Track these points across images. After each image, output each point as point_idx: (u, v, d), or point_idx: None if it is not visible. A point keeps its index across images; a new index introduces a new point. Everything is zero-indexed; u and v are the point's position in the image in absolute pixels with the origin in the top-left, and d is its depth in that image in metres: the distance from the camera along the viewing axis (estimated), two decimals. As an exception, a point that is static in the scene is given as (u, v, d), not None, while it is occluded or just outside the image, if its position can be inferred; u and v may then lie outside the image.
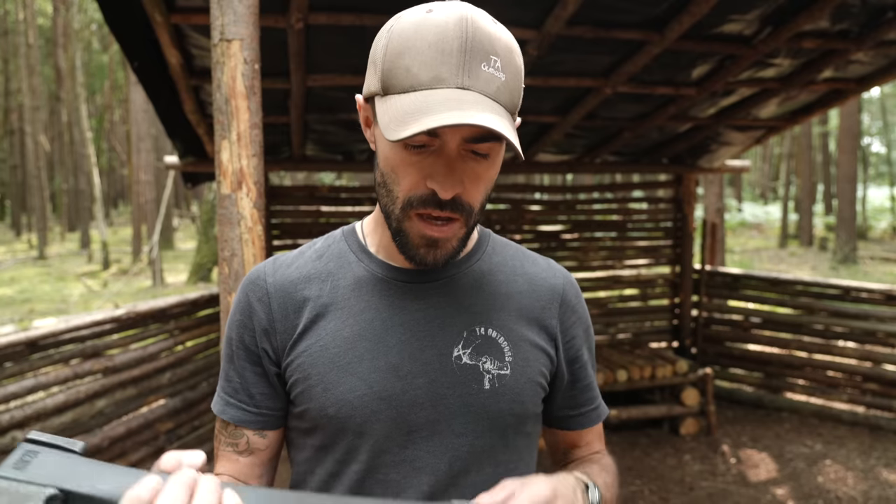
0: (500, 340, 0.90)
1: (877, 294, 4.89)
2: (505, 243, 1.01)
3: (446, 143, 0.79)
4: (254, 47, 1.55)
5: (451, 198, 0.81)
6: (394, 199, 0.84)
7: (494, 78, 0.77)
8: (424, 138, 0.79)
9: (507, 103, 0.79)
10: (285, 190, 5.17)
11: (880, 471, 4.20)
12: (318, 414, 0.87)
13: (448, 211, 0.82)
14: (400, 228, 0.85)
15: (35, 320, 8.83)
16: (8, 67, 24.88)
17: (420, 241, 0.85)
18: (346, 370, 0.86)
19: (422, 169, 0.81)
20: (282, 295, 0.91)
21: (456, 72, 0.76)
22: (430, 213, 0.83)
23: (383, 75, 0.80)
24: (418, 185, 0.82)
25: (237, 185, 1.54)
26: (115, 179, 34.59)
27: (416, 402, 0.87)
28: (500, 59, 0.78)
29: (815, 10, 2.90)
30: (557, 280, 0.98)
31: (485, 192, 0.86)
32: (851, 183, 14.33)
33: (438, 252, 0.85)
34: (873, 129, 33.19)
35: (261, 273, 0.94)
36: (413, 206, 0.83)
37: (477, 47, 0.77)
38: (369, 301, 0.90)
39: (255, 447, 0.93)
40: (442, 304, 0.90)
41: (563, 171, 5.36)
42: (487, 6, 2.97)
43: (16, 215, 25.89)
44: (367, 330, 0.88)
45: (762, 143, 4.98)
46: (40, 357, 3.40)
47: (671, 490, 3.98)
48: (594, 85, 3.60)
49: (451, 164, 0.80)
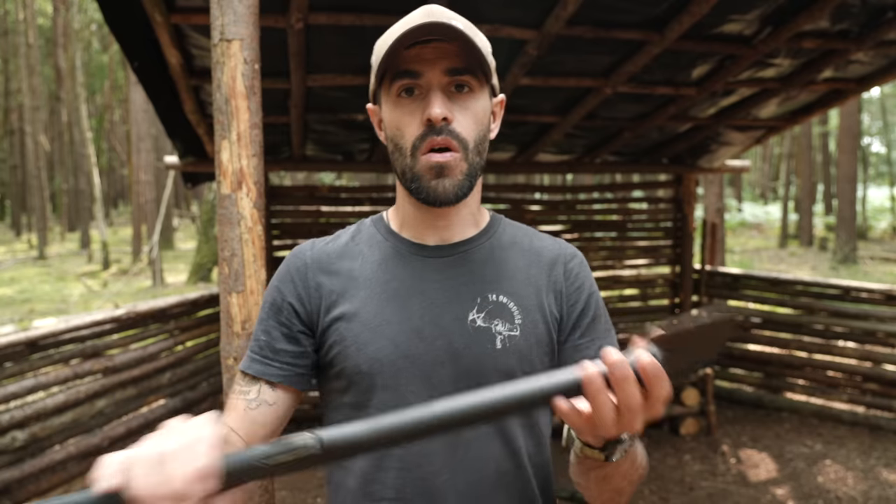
0: (510, 306, 1.01)
1: (877, 294, 4.88)
2: (516, 225, 1.13)
3: (430, 80, 0.95)
4: (254, 47, 1.55)
5: (444, 123, 0.95)
6: (403, 151, 0.98)
7: (456, 23, 0.94)
8: (410, 81, 0.95)
9: (475, 47, 0.95)
10: (285, 190, 5.17)
11: (880, 471, 4.20)
12: (353, 371, 0.99)
13: (444, 137, 0.95)
14: (414, 175, 0.98)
15: (35, 320, 8.83)
16: (8, 67, 24.89)
17: (429, 173, 0.96)
18: (377, 332, 0.98)
19: (416, 112, 0.96)
20: (318, 266, 1.04)
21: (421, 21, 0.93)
22: (432, 146, 0.96)
23: (375, 61, 1.00)
24: (418, 128, 0.96)
25: (237, 185, 1.54)
26: (115, 179, 34.58)
27: (437, 360, 0.98)
28: (460, 22, 0.96)
29: (815, 10, 2.90)
30: (563, 251, 1.09)
31: (477, 129, 0.99)
32: (851, 183, 14.33)
33: (447, 182, 0.97)
34: (873, 129, 33.19)
35: (302, 249, 1.08)
36: (418, 147, 0.96)
37: (438, 12, 0.96)
38: (394, 273, 1.02)
39: (264, 399, 1.00)
40: (458, 274, 1.02)
41: (563, 171, 5.36)
42: (488, 6, 2.95)
43: (16, 215, 25.88)
44: (393, 298, 1.00)
45: (762, 143, 4.98)
46: (40, 357, 3.40)
47: (671, 490, 3.98)
48: (594, 85, 3.60)
49: (437, 94, 0.95)
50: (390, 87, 0.98)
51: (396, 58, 0.95)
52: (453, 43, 0.95)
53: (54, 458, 3.36)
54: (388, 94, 0.99)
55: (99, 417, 3.65)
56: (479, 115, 0.99)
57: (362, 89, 3.43)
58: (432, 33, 0.93)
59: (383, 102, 1.01)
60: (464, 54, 0.96)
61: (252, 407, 1.00)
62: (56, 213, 29.44)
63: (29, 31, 19.83)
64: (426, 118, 0.95)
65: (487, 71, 0.98)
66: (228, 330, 1.56)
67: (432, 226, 1.04)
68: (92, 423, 3.61)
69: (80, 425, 3.55)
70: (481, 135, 1.00)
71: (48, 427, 3.36)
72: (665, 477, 4.15)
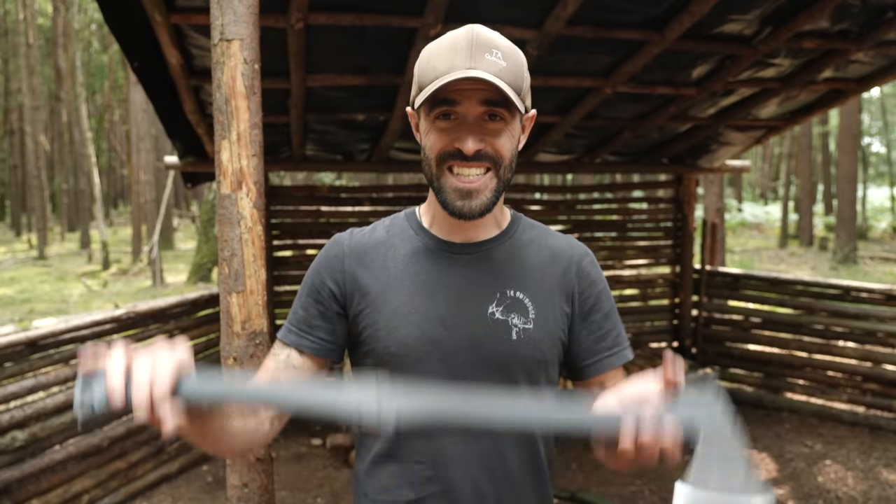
0: (525, 301, 1.11)
1: (877, 294, 4.88)
2: (533, 224, 1.23)
3: (466, 110, 1.03)
4: (254, 47, 1.54)
5: (475, 152, 1.03)
6: (430, 161, 1.07)
7: (496, 63, 1.01)
8: (445, 108, 1.03)
9: (511, 82, 1.02)
10: (285, 190, 5.17)
11: (880, 471, 4.20)
12: (383, 352, 1.10)
13: (475, 162, 1.04)
14: (440, 186, 1.07)
15: (35, 320, 8.83)
16: (8, 67, 24.88)
17: (455, 194, 1.05)
18: (405, 319, 1.09)
19: (449, 133, 1.04)
20: (355, 253, 1.15)
21: (465, 59, 1.00)
22: (457, 165, 1.04)
23: (418, 79, 1.07)
24: (447, 144, 1.04)
25: (237, 185, 1.54)
26: (115, 179, 34.57)
27: (458, 347, 1.08)
28: (501, 51, 1.03)
29: (815, 10, 2.90)
30: (575, 252, 1.20)
31: (510, 148, 1.07)
32: (851, 183, 14.33)
33: (474, 203, 1.05)
34: (873, 129, 33.17)
35: (341, 237, 1.18)
36: (444, 160, 1.05)
37: (481, 42, 1.02)
38: (423, 266, 1.13)
39: (292, 363, 1.12)
40: (480, 270, 1.13)
41: (563, 171, 5.36)
42: (488, 6, 2.95)
43: (16, 215, 25.87)
44: (421, 288, 1.11)
45: (762, 143, 4.97)
46: (40, 357, 3.40)
47: (671, 490, 3.96)
48: (594, 85, 3.60)
49: (471, 126, 1.03)
50: (430, 110, 1.05)
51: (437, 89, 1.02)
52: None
53: (54, 458, 3.36)
54: (427, 113, 1.07)
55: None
56: (510, 139, 1.07)
57: (362, 89, 3.43)
58: (473, 84, 1.00)
59: (422, 116, 1.09)
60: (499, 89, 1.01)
61: (280, 367, 1.12)
62: (56, 213, 29.43)
63: (29, 31, 19.83)
64: (457, 147, 1.03)
65: (520, 101, 1.05)
66: (228, 330, 1.56)
67: (459, 226, 1.13)
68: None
69: (80, 425, 3.55)
70: (512, 153, 1.09)
71: (48, 427, 3.36)
72: (665, 477, 4.15)
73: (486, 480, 1.10)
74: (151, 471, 3.98)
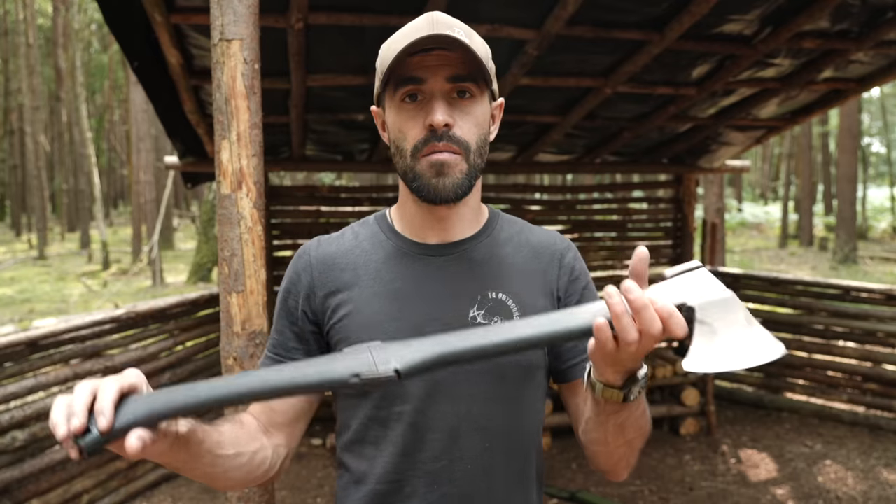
0: (508, 303, 1.05)
1: (877, 294, 4.88)
2: (512, 220, 1.17)
3: (432, 87, 0.99)
4: (254, 47, 1.55)
5: (445, 129, 0.98)
6: (404, 153, 1.02)
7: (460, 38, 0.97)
8: (413, 88, 0.99)
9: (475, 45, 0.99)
10: (285, 190, 5.17)
11: (880, 471, 4.20)
12: None
13: (445, 143, 0.99)
14: (414, 174, 1.01)
15: (35, 320, 8.83)
16: (8, 67, 24.88)
17: (430, 171, 1.00)
18: (379, 329, 1.01)
19: (419, 116, 1.00)
20: (323, 264, 1.08)
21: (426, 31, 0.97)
22: (433, 150, 0.99)
23: (381, 66, 1.03)
24: (420, 132, 1.00)
25: (237, 185, 1.54)
26: (115, 179, 34.57)
27: None
28: (462, 30, 1.00)
29: (815, 10, 2.90)
30: (557, 246, 1.14)
31: (478, 132, 1.02)
32: (851, 183, 14.33)
33: (447, 180, 1.00)
34: (873, 129, 33.15)
35: (307, 249, 1.12)
36: (419, 150, 1.00)
37: (441, 21, 0.99)
38: (397, 271, 1.06)
39: None
40: (458, 273, 1.06)
41: (563, 171, 5.35)
42: (488, 6, 2.95)
43: (16, 215, 25.87)
44: (395, 296, 1.04)
45: (762, 143, 4.97)
46: (40, 357, 3.40)
47: (671, 490, 3.98)
48: (594, 85, 3.60)
49: (439, 101, 0.99)
50: (394, 93, 1.01)
51: (401, 65, 0.99)
52: (456, 52, 0.98)
53: (54, 458, 3.36)
54: (392, 98, 1.02)
55: (99, 417, 3.66)
56: (479, 120, 1.02)
57: (362, 89, 3.42)
58: (436, 44, 0.97)
59: (387, 106, 1.05)
60: (465, 62, 0.99)
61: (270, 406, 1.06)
62: (56, 213, 29.43)
63: (29, 31, 19.82)
64: (428, 123, 0.98)
65: (487, 77, 1.02)
66: (228, 330, 1.56)
67: (434, 225, 1.07)
68: (92, 423, 3.62)
69: (80, 425, 3.55)
70: (482, 138, 1.04)
71: (48, 427, 3.35)
72: (665, 477, 4.15)
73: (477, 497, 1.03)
74: (151, 471, 3.98)
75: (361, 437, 1.06)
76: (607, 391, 0.89)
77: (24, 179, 23.88)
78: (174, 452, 0.84)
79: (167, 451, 0.82)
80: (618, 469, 1.07)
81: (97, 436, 0.72)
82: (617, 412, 0.93)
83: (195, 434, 0.86)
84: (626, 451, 1.02)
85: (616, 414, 0.93)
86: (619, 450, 1.01)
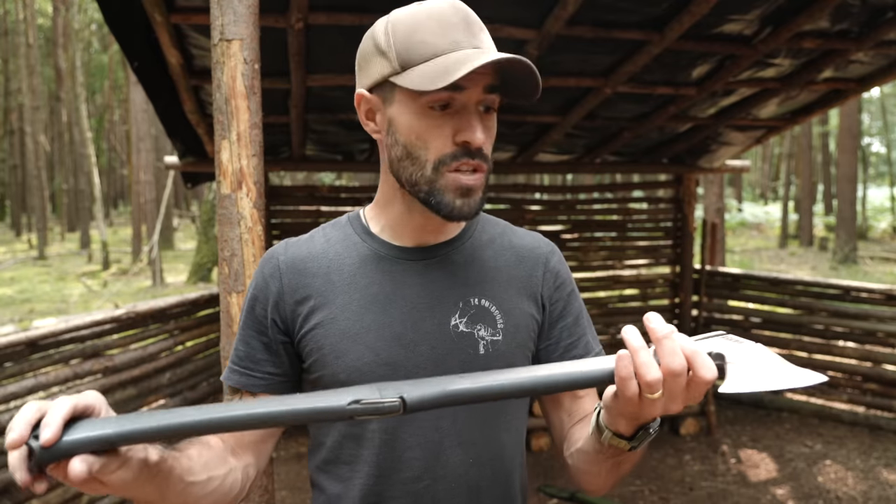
0: (492, 309, 0.99)
1: (877, 294, 4.88)
2: (494, 221, 1.10)
3: (468, 97, 0.90)
4: (254, 47, 1.55)
5: (479, 148, 0.91)
6: (422, 163, 0.92)
7: (493, 43, 0.92)
8: (447, 96, 0.89)
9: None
10: (285, 190, 5.17)
11: (880, 471, 4.20)
12: (332, 380, 0.95)
13: (478, 160, 0.92)
14: (433, 189, 0.92)
15: (35, 320, 8.83)
16: (8, 67, 24.88)
17: (456, 193, 0.92)
18: (355, 340, 0.95)
19: (448, 128, 0.91)
20: (292, 271, 0.99)
21: (466, 37, 0.89)
22: (462, 168, 0.91)
23: (399, 55, 0.90)
24: (447, 145, 0.91)
25: (237, 185, 1.54)
26: (115, 179, 34.57)
27: (419, 367, 0.95)
28: (487, 33, 0.94)
29: (815, 10, 2.90)
30: (541, 249, 1.07)
31: (492, 145, 0.96)
32: (851, 183, 14.33)
33: (471, 201, 0.93)
34: (873, 129, 33.15)
35: (274, 252, 1.03)
36: (446, 164, 0.91)
37: (473, 21, 0.92)
38: (373, 277, 0.98)
39: None
40: (439, 278, 0.99)
41: (563, 171, 5.35)
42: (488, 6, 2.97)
43: (16, 215, 25.87)
44: (372, 303, 0.96)
45: (762, 143, 4.97)
46: (40, 357, 3.40)
47: (671, 490, 3.98)
48: (594, 85, 3.60)
49: (475, 117, 0.91)
50: (420, 94, 0.89)
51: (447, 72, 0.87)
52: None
53: (54, 458, 3.36)
54: (412, 98, 0.91)
55: (99, 417, 3.66)
56: (493, 133, 0.97)
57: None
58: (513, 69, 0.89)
59: (399, 102, 0.92)
60: (498, 73, 0.91)
61: None
62: (56, 213, 29.42)
63: (29, 31, 19.82)
64: (463, 141, 0.90)
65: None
66: (228, 330, 1.56)
67: (417, 229, 1.00)
68: (92, 423, 3.61)
69: (80, 425, 3.55)
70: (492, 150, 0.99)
71: (48, 427, 3.36)
72: (665, 477, 4.15)
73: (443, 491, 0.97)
74: (151, 471, 3.98)
75: (335, 457, 1.00)
76: (615, 439, 0.84)
77: (24, 179, 23.89)
78: (140, 484, 0.75)
79: (131, 481, 0.74)
80: (600, 491, 1.01)
81: (38, 450, 0.67)
82: (619, 455, 0.87)
83: (164, 462, 0.78)
84: (615, 478, 0.96)
85: (617, 457, 0.88)
86: (610, 479, 0.95)
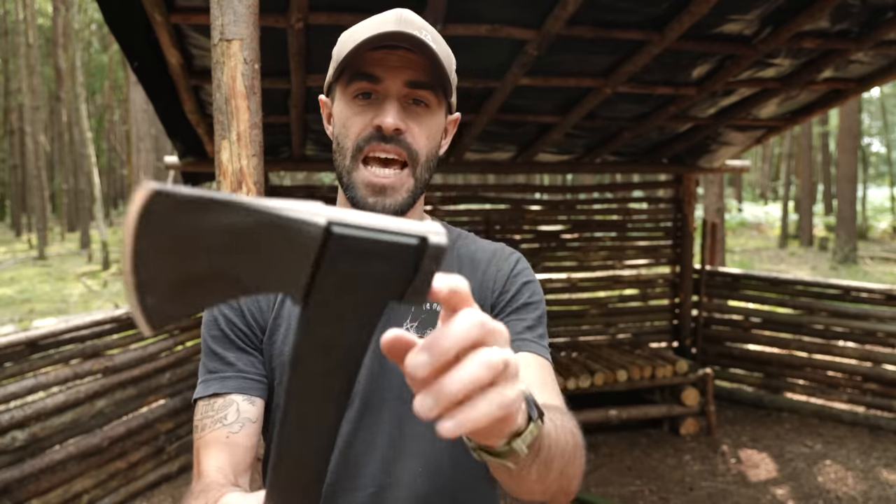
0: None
1: (877, 294, 4.88)
2: (458, 233, 1.08)
3: (388, 87, 0.91)
4: (254, 47, 1.55)
5: (395, 133, 0.91)
6: (345, 151, 0.94)
7: (426, 39, 0.89)
8: (368, 85, 0.91)
9: (441, 54, 0.91)
10: (285, 190, 5.17)
11: (880, 471, 4.20)
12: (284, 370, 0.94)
13: (393, 146, 0.91)
14: (351, 182, 0.94)
15: (35, 320, 8.83)
16: (8, 67, 24.89)
17: (367, 189, 0.92)
18: None
19: (367, 114, 0.92)
20: None
21: (392, 27, 0.89)
22: (375, 152, 0.91)
23: (336, 54, 0.95)
24: (365, 128, 0.92)
25: (237, 185, 1.54)
26: (115, 179, 34.56)
27: (371, 372, 0.94)
28: (429, 33, 0.92)
29: (815, 10, 2.90)
30: (499, 255, 1.04)
31: (428, 143, 0.95)
32: (851, 183, 14.32)
33: (387, 200, 0.92)
34: (873, 129, 33.16)
35: None
36: (361, 150, 0.92)
37: (409, 20, 0.91)
38: None
39: (246, 416, 0.93)
40: None
41: (563, 171, 5.35)
42: (488, 6, 2.94)
43: (16, 215, 25.87)
44: None
45: (762, 143, 4.97)
46: (40, 357, 3.40)
47: (671, 490, 3.98)
48: (594, 85, 3.60)
49: (393, 103, 0.91)
50: (347, 86, 0.94)
51: (360, 58, 0.91)
52: (419, 55, 0.91)
53: (54, 458, 3.36)
54: (343, 91, 0.95)
55: (99, 417, 3.65)
56: (432, 131, 0.95)
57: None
58: (401, 42, 0.89)
59: (337, 97, 0.97)
60: (427, 68, 0.92)
61: (235, 430, 0.91)
62: (56, 213, 29.43)
63: (29, 31, 19.83)
64: (376, 124, 0.91)
65: (448, 88, 0.95)
66: (228, 330, 1.56)
67: None
68: (92, 423, 3.61)
69: (80, 425, 3.55)
70: (433, 151, 0.97)
71: (48, 427, 3.36)
72: (665, 477, 4.15)
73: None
74: (151, 471, 3.98)
75: None
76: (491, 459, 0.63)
77: (24, 179, 23.89)
78: None
79: None
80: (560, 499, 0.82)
81: None
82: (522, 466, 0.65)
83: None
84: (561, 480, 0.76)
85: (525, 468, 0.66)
86: (553, 485, 0.75)
